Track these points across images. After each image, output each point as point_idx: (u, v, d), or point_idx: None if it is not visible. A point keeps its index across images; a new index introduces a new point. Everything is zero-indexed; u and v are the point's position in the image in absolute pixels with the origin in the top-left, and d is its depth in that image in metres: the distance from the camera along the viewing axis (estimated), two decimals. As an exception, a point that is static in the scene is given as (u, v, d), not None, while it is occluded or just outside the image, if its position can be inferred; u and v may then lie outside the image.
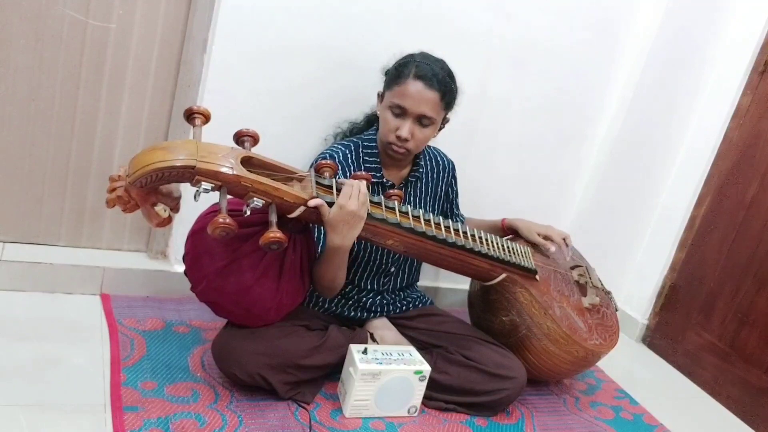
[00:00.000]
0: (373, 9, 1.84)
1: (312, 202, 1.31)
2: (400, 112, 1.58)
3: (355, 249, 1.67)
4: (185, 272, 1.49)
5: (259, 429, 1.44)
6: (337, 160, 1.62)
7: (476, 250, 1.61)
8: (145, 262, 1.93)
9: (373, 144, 1.69)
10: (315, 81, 1.85)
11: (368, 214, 1.40)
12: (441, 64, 1.63)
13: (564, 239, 1.92)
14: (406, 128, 1.57)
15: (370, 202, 1.42)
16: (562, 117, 2.25)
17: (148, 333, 1.70)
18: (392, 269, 1.79)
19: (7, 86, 1.69)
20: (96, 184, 1.86)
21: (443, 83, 1.58)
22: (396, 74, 1.59)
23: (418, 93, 1.55)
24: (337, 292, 1.57)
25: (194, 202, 1.25)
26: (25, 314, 1.66)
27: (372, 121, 1.79)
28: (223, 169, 1.19)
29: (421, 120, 1.59)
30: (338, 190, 1.38)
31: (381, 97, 1.66)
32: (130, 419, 1.35)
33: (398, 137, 1.58)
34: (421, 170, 1.78)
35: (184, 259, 1.48)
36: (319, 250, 1.63)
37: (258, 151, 1.31)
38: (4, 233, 1.82)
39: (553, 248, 1.87)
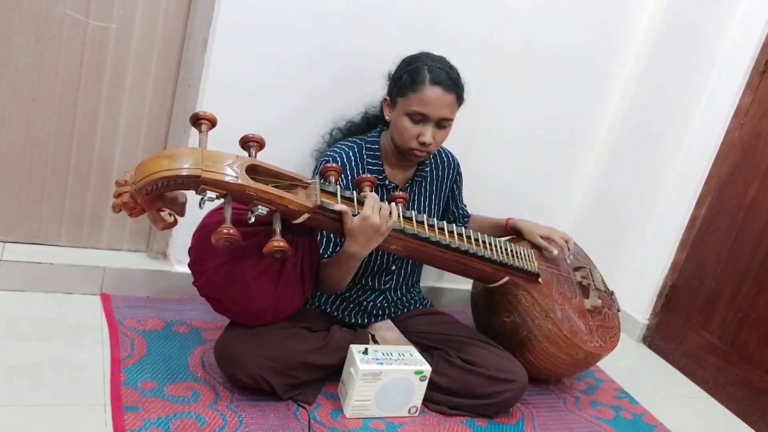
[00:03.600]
0: (374, 10, 1.84)
1: (338, 207, 1.35)
2: (421, 119, 1.57)
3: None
4: (189, 265, 1.50)
5: (259, 429, 1.44)
6: (340, 162, 1.62)
7: (479, 254, 1.61)
8: (146, 262, 1.93)
9: (376, 147, 1.69)
10: (315, 81, 1.85)
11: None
12: (447, 63, 1.63)
13: (566, 242, 1.92)
14: (428, 134, 1.58)
15: None
16: (563, 117, 2.25)
17: (149, 333, 1.70)
18: (393, 267, 1.79)
19: (7, 86, 1.69)
20: (96, 184, 1.86)
21: (457, 83, 1.60)
22: (410, 81, 1.57)
23: (437, 98, 1.55)
24: (339, 292, 1.63)
25: (198, 205, 1.25)
26: (25, 314, 1.66)
27: (372, 122, 1.79)
28: (228, 178, 1.20)
29: (441, 122, 1.60)
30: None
31: (390, 103, 1.64)
32: (130, 419, 1.35)
33: (422, 143, 1.59)
34: (426, 169, 1.78)
35: (190, 252, 1.49)
36: (326, 253, 1.63)
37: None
38: (4, 233, 1.82)
39: (555, 251, 1.87)
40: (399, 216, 1.47)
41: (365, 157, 1.67)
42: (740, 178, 2.17)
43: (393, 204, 1.46)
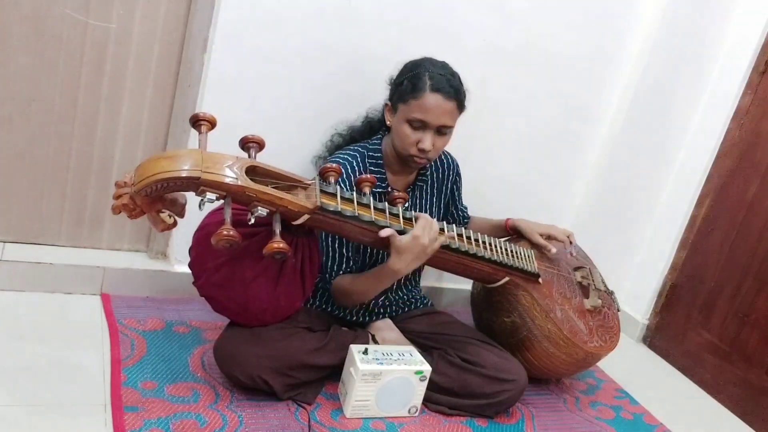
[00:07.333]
0: (374, 10, 1.84)
1: (383, 233, 1.39)
2: (420, 126, 1.57)
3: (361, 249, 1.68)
4: (189, 265, 1.50)
5: (259, 429, 1.44)
6: (344, 174, 1.61)
7: (479, 255, 1.61)
8: (145, 262, 1.93)
9: (378, 154, 1.69)
10: (315, 81, 1.85)
11: (372, 221, 1.39)
12: (449, 69, 1.62)
13: (568, 236, 1.92)
14: (428, 141, 1.58)
15: (375, 209, 1.42)
16: (563, 117, 2.25)
17: (149, 333, 1.70)
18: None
19: (7, 86, 1.69)
20: (96, 184, 1.86)
21: (458, 91, 1.59)
22: (411, 88, 1.57)
23: (437, 106, 1.55)
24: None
25: (198, 206, 1.25)
26: (25, 314, 1.66)
27: (375, 126, 1.78)
28: (228, 180, 1.20)
29: (441, 129, 1.60)
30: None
31: (392, 108, 1.64)
32: (130, 419, 1.35)
33: (421, 150, 1.59)
34: (427, 173, 1.78)
35: (190, 252, 1.50)
36: (325, 256, 1.63)
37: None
38: (4, 233, 1.82)
39: (554, 249, 1.87)
40: (453, 237, 1.54)
41: (368, 165, 1.67)
42: (740, 177, 2.17)
43: (444, 224, 1.53)
